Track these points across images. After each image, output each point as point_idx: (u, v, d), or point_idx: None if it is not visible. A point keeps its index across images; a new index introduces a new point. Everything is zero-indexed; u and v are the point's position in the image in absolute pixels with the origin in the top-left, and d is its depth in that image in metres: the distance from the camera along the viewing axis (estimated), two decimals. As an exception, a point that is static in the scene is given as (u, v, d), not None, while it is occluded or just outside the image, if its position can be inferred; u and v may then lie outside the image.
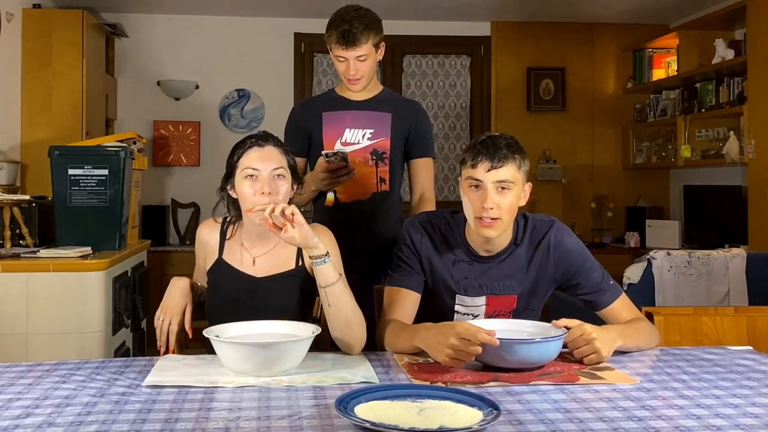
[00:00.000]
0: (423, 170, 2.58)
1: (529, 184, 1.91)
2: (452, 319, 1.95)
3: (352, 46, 2.39)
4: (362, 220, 2.47)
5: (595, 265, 1.95)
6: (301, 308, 1.95)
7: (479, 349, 1.55)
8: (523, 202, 1.88)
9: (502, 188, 1.80)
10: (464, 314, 1.95)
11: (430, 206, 2.55)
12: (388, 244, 2.30)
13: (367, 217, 2.48)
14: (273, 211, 1.72)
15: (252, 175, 1.83)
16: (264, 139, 1.88)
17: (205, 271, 2.02)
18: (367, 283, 2.27)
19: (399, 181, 2.58)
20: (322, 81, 5.83)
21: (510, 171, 1.81)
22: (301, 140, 2.53)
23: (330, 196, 2.47)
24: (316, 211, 2.56)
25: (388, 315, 1.91)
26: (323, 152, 2.34)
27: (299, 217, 1.72)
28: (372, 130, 2.50)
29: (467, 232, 1.93)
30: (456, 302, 1.95)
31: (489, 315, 1.93)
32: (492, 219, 1.79)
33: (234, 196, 1.91)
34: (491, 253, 1.92)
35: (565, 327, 1.68)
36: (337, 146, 2.48)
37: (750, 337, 2.11)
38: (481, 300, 1.93)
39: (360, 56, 2.42)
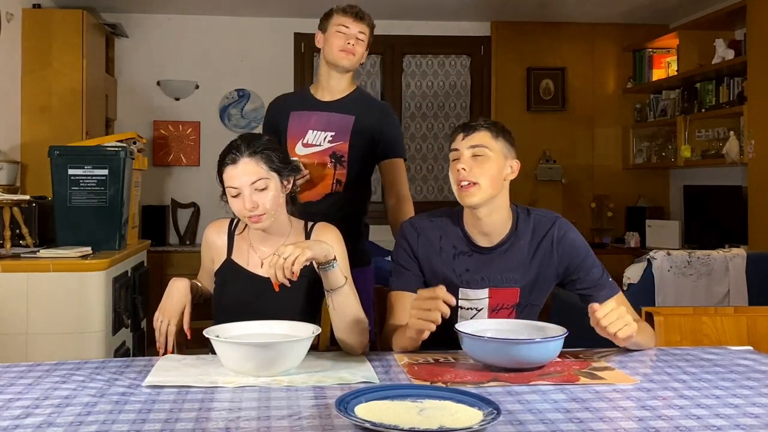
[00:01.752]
0: (396, 171, 2.65)
1: (517, 161, 1.92)
2: (456, 316, 1.94)
3: (359, 20, 2.53)
4: (315, 219, 2.48)
5: (596, 262, 1.97)
6: (309, 308, 1.96)
7: (442, 305, 1.59)
8: (512, 176, 1.90)
9: (476, 155, 1.84)
10: (468, 308, 1.95)
11: (410, 205, 2.63)
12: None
13: (313, 216, 2.47)
14: (276, 270, 1.68)
15: (235, 193, 1.85)
16: (238, 150, 1.85)
17: (211, 272, 2.02)
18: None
19: (359, 182, 2.61)
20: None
21: (482, 137, 1.86)
22: (273, 137, 2.55)
23: None
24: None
25: (392, 319, 1.93)
26: None
27: (296, 267, 1.66)
28: (333, 134, 2.55)
29: (465, 222, 1.94)
30: (459, 297, 1.94)
31: (492, 308, 1.93)
32: (469, 183, 1.83)
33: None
34: (491, 242, 1.92)
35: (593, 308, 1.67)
36: (298, 149, 2.55)
37: (750, 337, 2.10)
38: (484, 293, 1.93)
39: (361, 32, 2.53)
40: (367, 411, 1.27)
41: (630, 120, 5.93)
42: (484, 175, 1.83)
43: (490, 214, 1.88)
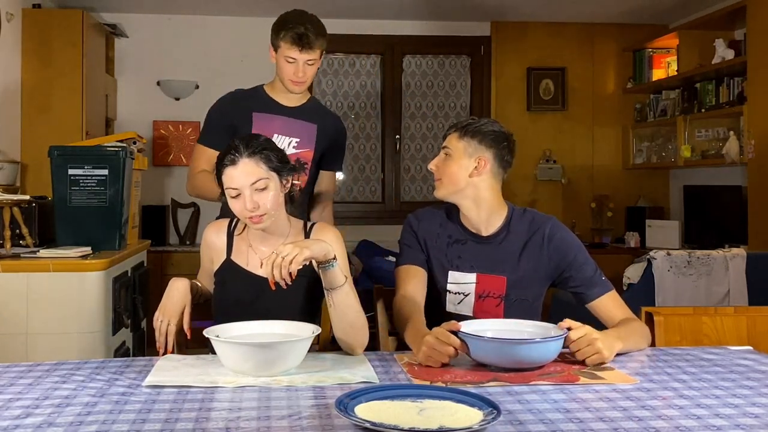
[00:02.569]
0: (331, 182, 2.74)
1: (485, 158, 1.98)
2: (444, 300, 2.04)
3: (307, 50, 2.44)
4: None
5: (588, 260, 2.00)
6: (309, 308, 1.96)
7: (451, 350, 1.61)
8: (478, 173, 1.97)
9: (446, 154, 2.02)
10: (456, 293, 2.02)
11: (331, 215, 2.73)
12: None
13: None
14: (274, 269, 1.69)
15: (235, 195, 1.85)
16: (237, 151, 1.84)
17: (210, 273, 2.02)
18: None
19: (309, 190, 2.65)
20: (322, 81, 5.83)
21: (450, 138, 2.03)
22: (226, 135, 2.48)
23: None
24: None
25: (400, 290, 2.02)
26: None
27: (294, 267, 1.66)
28: (298, 140, 2.54)
29: (461, 214, 2.05)
30: (448, 280, 2.03)
31: (479, 294, 1.99)
32: (435, 179, 2.03)
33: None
34: (481, 232, 2.02)
35: (568, 328, 1.68)
36: None
37: (750, 337, 2.11)
38: (472, 277, 2.01)
39: (310, 60, 2.47)
40: (367, 411, 1.27)
41: (630, 120, 5.93)
42: (445, 173, 2.01)
43: (471, 209, 2.01)
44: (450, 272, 2.03)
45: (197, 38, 5.61)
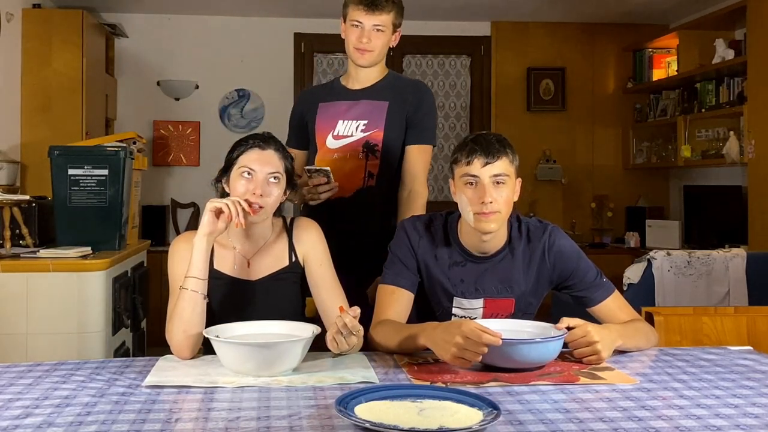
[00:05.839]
0: (415, 158, 2.39)
1: (519, 179, 1.90)
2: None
3: (373, 11, 2.31)
4: (343, 218, 2.33)
5: (590, 265, 1.95)
6: (301, 306, 1.97)
7: (485, 350, 1.53)
8: (515, 197, 1.88)
9: (498, 182, 1.82)
10: (462, 317, 1.94)
11: (420, 201, 2.38)
12: (372, 241, 2.23)
13: (348, 214, 2.34)
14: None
15: (248, 174, 1.84)
16: (266, 141, 1.88)
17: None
18: (350, 283, 2.11)
19: (390, 174, 2.40)
20: (321, 81, 5.82)
21: (504, 165, 1.82)
22: (301, 131, 2.47)
23: None
24: (302, 209, 2.46)
25: (383, 314, 1.88)
26: (306, 168, 2.30)
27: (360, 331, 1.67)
28: (366, 122, 2.39)
29: (461, 233, 1.92)
30: (453, 305, 1.95)
31: (486, 317, 1.92)
32: (491, 212, 1.80)
33: (227, 190, 1.90)
34: (486, 254, 1.91)
35: (567, 327, 1.68)
36: (329, 141, 2.40)
37: (750, 337, 2.11)
38: (479, 302, 1.93)
39: (378, 26, 2.33)
40: (366, 411, 1.27)
41: (630, 120, 5.93)
42: (506, 202, 1.83)
43: (495, 236, 1.87)
44: (455, 298, 1.93)
45: (197, 38, 5.62)
